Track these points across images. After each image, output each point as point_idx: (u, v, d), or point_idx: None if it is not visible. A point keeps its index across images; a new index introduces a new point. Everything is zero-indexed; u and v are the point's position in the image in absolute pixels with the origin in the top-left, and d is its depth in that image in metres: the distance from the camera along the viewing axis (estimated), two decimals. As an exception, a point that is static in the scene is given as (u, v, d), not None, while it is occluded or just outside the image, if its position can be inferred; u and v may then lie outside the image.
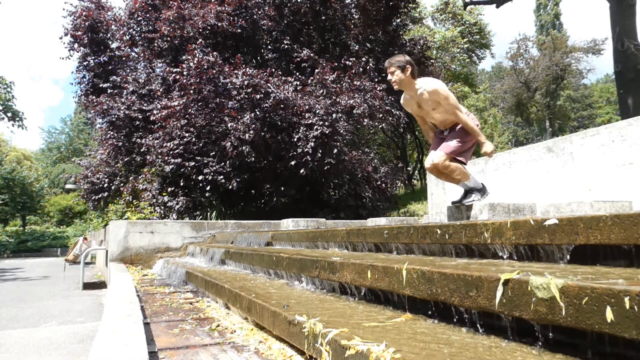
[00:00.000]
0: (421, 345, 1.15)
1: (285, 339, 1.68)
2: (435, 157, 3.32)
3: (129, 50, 13.60)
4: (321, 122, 8.98)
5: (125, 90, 11.90)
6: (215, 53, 9.53)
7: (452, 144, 3.31)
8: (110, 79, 12.49)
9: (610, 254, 1.35)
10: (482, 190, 3.46)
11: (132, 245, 6.21)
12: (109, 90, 12.25)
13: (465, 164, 3.40)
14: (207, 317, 2.49)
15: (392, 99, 11.67)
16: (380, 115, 10.62)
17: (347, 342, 1.18)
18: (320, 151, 8.97)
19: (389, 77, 3.35)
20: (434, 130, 3.59)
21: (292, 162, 9.08)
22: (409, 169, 19.44)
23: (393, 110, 11.30)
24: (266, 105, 9.06)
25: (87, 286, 6.88)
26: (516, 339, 1.19)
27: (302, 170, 9.00)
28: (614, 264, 1.33)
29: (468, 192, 3.47)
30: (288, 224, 6.09)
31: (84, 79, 13.58)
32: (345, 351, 1.17)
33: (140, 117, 11.28)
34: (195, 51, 9.52)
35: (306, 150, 8.86)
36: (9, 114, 23.14)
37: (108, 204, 12.97)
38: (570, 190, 5.29)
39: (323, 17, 12.77)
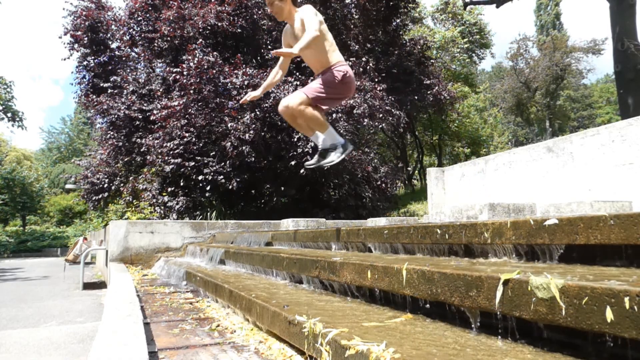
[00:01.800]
0: (421, 345, 1.15)
1: (285, 339, 1.68)
2: (291, 99, 2.90)
3: (129, 50, 13.60)
4: (321, 122, 8.97)
5: (125, 90, 11.90)
6: (215, 53, 9.53)
7: (315, 86, 2.92)
8: (111, 79, 12.49)
9: (610, 254, 1.35)
10: (344, 146, 3.05)
11: (132, 245, 6.21)
12: (109, 90, 12.25)
13: (323, 111, 3.01)
14: (207, 317, 2.49)
15: (392, 98, 11.68)
16: (380, 115, 10.63)
17: (347, 342, 1.18)
18: (320, 151, 8.96)
19: (268, 9, 3.07)
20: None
21: (292, 162, 9.08)
22: (409, 169, 19.46)
23: (393, 110, 11.30)
24: (266, 105, 9.06)
25: (87, 286, 6.88)
26: (516, 339, 1.19)
27: (302, 170, 9.00)
28: (614, 264, 1.33)
29: (327, 150, 3.06)
30: (288, 224, 6.09)
31: (84, 79, 13.59)
32: (345, 351, 1.17)
33: (140, 117, 11.29)
34: (196, 51, 9.52)
35: (306, 150, 8.86)
36: (9, 114, 23.16)
37: (108, 204, 12.98)
38: (570, 190, 5.29)
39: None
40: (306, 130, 3.06)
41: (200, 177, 9.08)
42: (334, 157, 3.01)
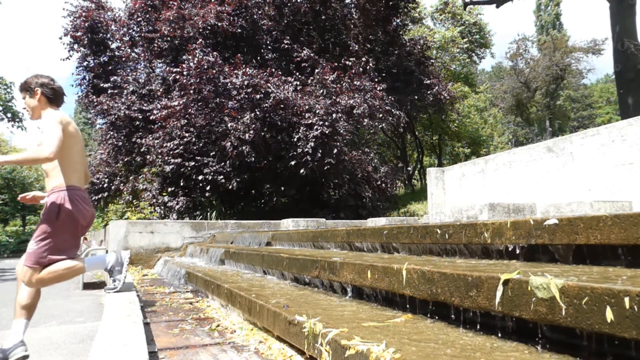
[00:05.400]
0: (421, 345, 1.15)
1: (285, 339, 1.68)
2: (18, 269, 2.41)
3: (129, 50, 13.60)
4: (321, 122, 8.98)
5: (125, 90, 11.91)
6: (215, 53, 9.54)
7: (34, 248, 2.34)
8: (111, 79, 12.49)
9: (610, 254, 1.35)
10: (117, 263, 2.87)
11: (132, 245, 6.21)
12: (109, 91, 12.25)
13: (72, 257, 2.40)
14: (207, 317, 2.49)
15: (392, 98, 11.67)
16: (380, 115, 10.63)
17: (347, 342, 1.18)
18: (320, 151, 8.97)
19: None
20: None
21: (292, 162, 9.08)
22: (409, 169, 19.44)
23: (393, 110, 11.30)
24: (266, 105, 9.06)
25: (87, 286, 6.86)
26: (516, 339, 1.18)
27: (302, 170, 9.00)
28: (614, 264, 1.33)
29: (110, 271, 2.92)
30: (288, 224, 6.09)
31: (84, 80, 13.58)
32: (345, 351, 1.17)
33: (140, 117, 11.29)
34: (196, 51, 9.52)
35: (306, 150, 8.86)
36: (9, 115, 23.15)
37: (108, 204, 12.98)
38: (570, 190, 5.29)
39: (323, 17, 12.77)
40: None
41: (200, 177, 9.08)
42: (117, 284, 2.83)
